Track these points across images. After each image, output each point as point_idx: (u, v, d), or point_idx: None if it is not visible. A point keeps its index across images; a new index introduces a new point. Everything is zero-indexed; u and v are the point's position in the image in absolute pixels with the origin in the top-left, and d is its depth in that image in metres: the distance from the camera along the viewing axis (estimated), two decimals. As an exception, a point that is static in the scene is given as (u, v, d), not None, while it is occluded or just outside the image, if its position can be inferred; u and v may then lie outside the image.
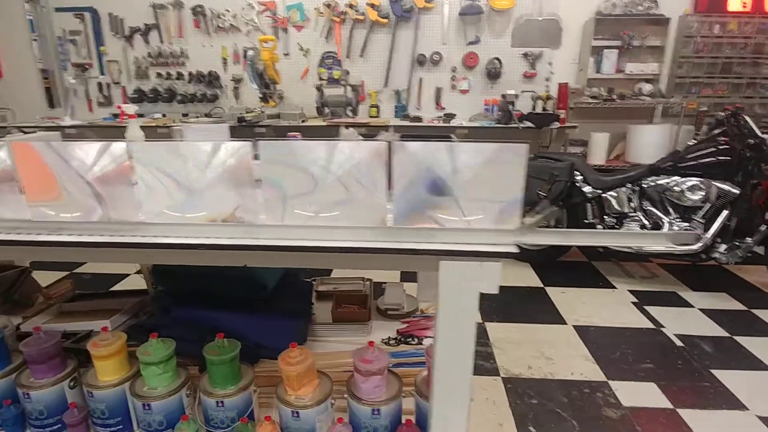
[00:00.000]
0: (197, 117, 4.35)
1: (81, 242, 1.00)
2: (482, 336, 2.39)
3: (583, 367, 2.14)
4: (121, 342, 1.38)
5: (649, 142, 3.74)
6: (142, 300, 2.08)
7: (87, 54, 4.44)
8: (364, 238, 0.96)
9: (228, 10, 4.14)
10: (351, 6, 3.99)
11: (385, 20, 4.00)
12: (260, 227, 0.97)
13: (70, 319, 1.98)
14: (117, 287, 2.97)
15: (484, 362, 2.15)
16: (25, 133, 1.74)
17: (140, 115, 4.51)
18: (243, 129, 3.52)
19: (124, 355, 1.40)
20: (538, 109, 3.85)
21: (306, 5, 4.09)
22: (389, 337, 1.92)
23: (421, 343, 1.89)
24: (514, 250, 0.94)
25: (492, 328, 2.47)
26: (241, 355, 1.52)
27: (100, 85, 4.53)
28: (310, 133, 3.89)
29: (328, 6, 4.01)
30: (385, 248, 0.95)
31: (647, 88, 3.93)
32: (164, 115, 4.42)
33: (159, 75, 4.43)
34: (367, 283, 2.31)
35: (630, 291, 2.94)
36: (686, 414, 1.84)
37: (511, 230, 0.95)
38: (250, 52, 3.46)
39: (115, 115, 4.43)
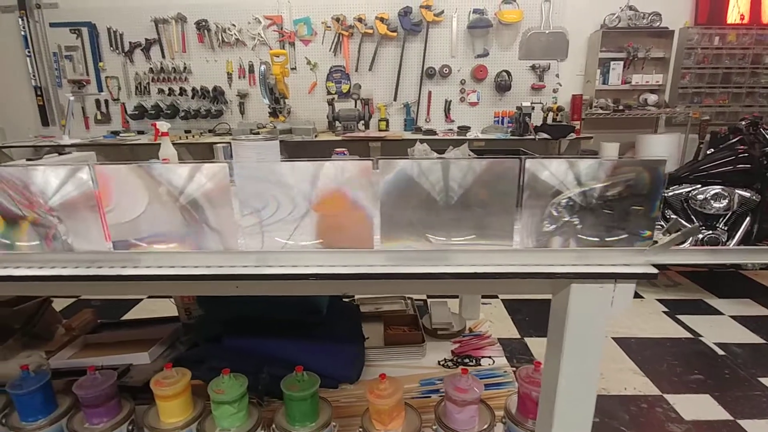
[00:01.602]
0: (200, 133, 4.23)
1: (174, 276, 0.90)
2: (525, 352, 2.34)
3: (634, 381, 2.10)
4: (187, 379, 1.27)
5: (658, 150, 3.80)
6: (177, 329, 1.95)
7: (84, 70, 4.28)
8: (494, 262, 0.90)
9: (234, 25, 4.06)
10: (360, 20, 3.97)
11: (394, 34, 3.99)
12: (375, 253, 0.90)
13: (100, 352, 1.84)
14: (131, 314, 2.81)
15: (534, 380, 2.09)
16: (61, 154, 1.62)
17: (140, 132, 4.37)
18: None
19: (189, 393, 1.29)
20: (549, 120, 3.88)
21: (313, 19, 4.05)
22: (445, 359, 1.84)
23: (480, 364, 1.83)
24: (652, 270, 0.89)
25: (532, 343, 2.42)
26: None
27: (98, 101, 4.36)
28: (340, 148, 3.80)
29: (337, 20, 3.98)
30: (518, 272, 0.89)
31: (652, 98, 4.01)
32: (166, 132, 4.27)
33: (161, 91, 4.29)
34: (408, 301, 2.24)
35: (658, 300, 2.93)
36: (748, 425, 1.81)
37: (644, 250, 0.90)
38: (262, 67, 3.38)
39: (114, 133, 4.27)
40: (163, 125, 1.96)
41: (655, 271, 0.88)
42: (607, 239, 0.90)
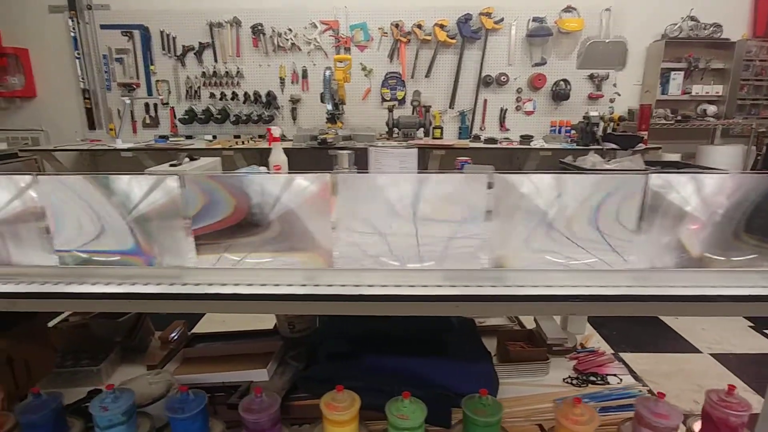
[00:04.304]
0: (251, 138, 4.17)
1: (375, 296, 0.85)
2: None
3: (749, 399, 2.02)
4: (358, 403, 1.20)
5: (722, 162, 3.75)
6: (282, 344, 1.88)
7: (134, 73, 4.24)
8: (696, 283, 0.84)
9: (290, 29, 4.02)
10: (419, 26, 3.93)
11: (453, 41, 3.95)
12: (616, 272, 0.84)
13: (204, 367, 1.78)
14: (200, 326, 2.73)
15: (646, 398, 2.02)
16: (192, 159, 1.56)
17: (189, 137, 4.32)
18: (320, 150, 3.37)
19: (358, 419, 1.22)
20: (609, 131, 3.82)
21: (370, 25, 4.01)
22: (569, 376, 1.78)
23: (608, 382, 1.76)
24: None
25: (630, 359, 2.35)
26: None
27: (146, 105, 4.31)
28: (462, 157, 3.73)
29: (396, 26, 3.94)
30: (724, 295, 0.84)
31: (711, 109, 3.97)
32: (215, 137, 4.23)
33: (212, 95, 4.25)
34: (513, 316, 2.17)
35: (739, 315, 2.87)
36: None
37: None
38: (327, 72, 3.34)
39: (163, 137, 4.22)
40: (276, 130, 1.91)
41: None
42: None
